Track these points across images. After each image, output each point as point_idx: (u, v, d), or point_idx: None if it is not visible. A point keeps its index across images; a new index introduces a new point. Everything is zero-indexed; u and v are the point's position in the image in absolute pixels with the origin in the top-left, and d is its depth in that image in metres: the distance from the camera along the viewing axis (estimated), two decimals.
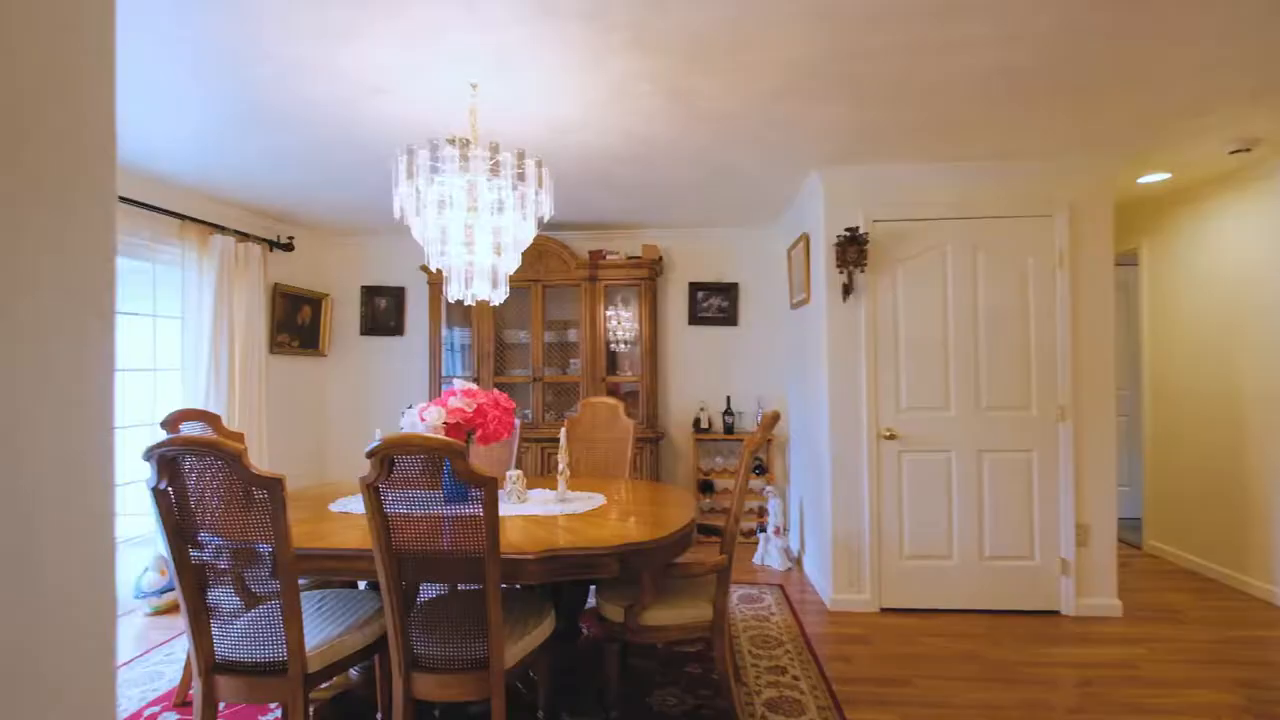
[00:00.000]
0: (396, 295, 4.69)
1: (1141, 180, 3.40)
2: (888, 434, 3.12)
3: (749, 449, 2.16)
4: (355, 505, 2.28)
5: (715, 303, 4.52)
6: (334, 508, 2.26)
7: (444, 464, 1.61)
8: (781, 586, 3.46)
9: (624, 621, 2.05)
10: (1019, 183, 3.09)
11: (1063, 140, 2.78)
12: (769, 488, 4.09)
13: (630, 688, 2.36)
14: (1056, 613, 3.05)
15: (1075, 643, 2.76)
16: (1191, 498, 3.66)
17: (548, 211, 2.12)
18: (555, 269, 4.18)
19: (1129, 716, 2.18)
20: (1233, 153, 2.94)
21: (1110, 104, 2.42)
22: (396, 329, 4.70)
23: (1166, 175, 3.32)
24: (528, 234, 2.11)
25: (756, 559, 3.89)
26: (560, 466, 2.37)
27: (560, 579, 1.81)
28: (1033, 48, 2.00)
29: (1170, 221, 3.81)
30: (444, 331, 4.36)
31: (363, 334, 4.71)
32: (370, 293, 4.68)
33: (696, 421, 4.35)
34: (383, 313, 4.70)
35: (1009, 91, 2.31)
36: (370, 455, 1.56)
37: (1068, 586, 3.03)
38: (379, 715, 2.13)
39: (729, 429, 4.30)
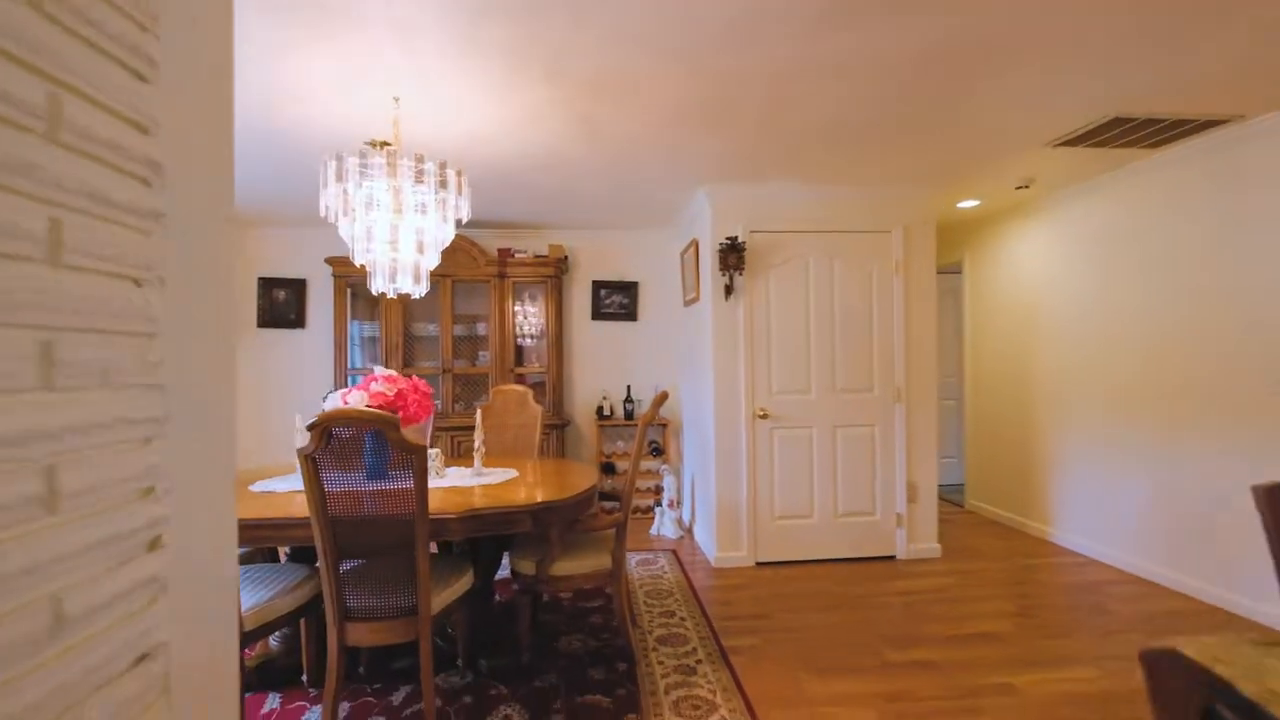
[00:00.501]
0: (297, 287, 4.65)
1: (960, 205, 4.19)
2: (761, 414, 3.65)
3: (643, 422, 2.54)
4: (276, 485, 2.41)
5: (616, 300, 4.91)
6: (255, 488, 2.38)
7: (377, 435, 1.85)
8: (674, 551, 3.92)
9: (535, 574, 2.37)
10: (866, 204, 3.74)
11: (895, 172, 3.43)
12: (664, 467, 4.54)
13: (540, 638, 2.67)
14: (893, 557, 3.73)
15: (905, 578, 3.42)
16: (999, 463, 4.55)
17: (466, 215, 2.39)
18: (465, 265, 4.37)
19: (936, 624, 2.82)
20: (1017, 188, 3.75)
21: (926, 150, 3.06)
22: (297, 321, 4.65)
23: (977, 202, 4.13)
24: (448, 234, 2.36)
25: (653, 530, 4.32)
26: (477, 444, 2.64)
27: (480, 534, 2.10)
28: (865, 108, 2.54)
29: (984, 238, 4.69)
30: (350, 324, 4.41)
31: (260, 326, 4.61)
32: (268, 284, 4.60)
33: (599, 409, 4.71)
34: (282, 304, 4.64)
35: (849, 137, 2.87)
36: (311, 428, 1.77)
37: (901, 536, 3.72)
38: (304, 676, 2.29)
39: (629, 415, 4.71)
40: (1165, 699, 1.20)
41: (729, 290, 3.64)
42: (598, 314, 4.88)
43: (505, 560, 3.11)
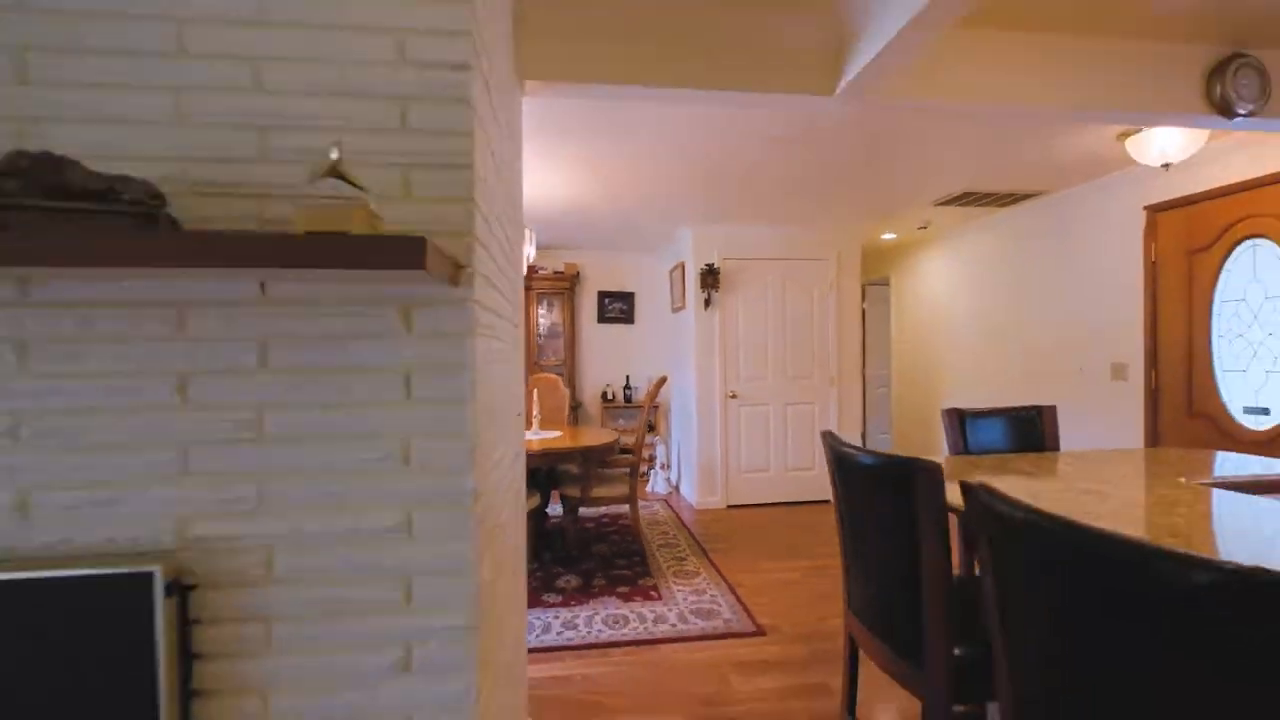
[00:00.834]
0: None
1: (883, 236, 5.48)
2: (732, 394, 4.89)
3: (649, 396, 3.75)
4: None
5: (618, 306, 6.10)
6: None
7: None
8: (666, 500, 5.14)
9: (579, 496, 3.56)
10: (809, 237, 4.99)
11: (830, 214, 4.68)
12: (656, 439, 5.76)
13: (579, 544, 3.87)
14: (827, 501, 5.00)
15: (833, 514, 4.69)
16: (915, 436, 5.87)
17: (532, 255, 3.55)
18: None
19: None
20: (919, 229, 5.05)
21: (852, 201, 4.31)
22: None
23: (894, 235, 5.42)
24: (522, 268, 3.53)
25: (649, 488, 5.53)
26: (534, 412, 3.82)
27: (550, 464, 3.28)
28: (810, 172, 3.77)
29: (904, 261, 6.00)
30: None
31: None
32: None
33: (604, 394, 5.90)
34: None
35: (798, 190, 4.10)
36: None
37: None
38: None
39: (628, 399, 5.91)
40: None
41: (707, 302, 4.86)
42: (602, 318, 6.06)
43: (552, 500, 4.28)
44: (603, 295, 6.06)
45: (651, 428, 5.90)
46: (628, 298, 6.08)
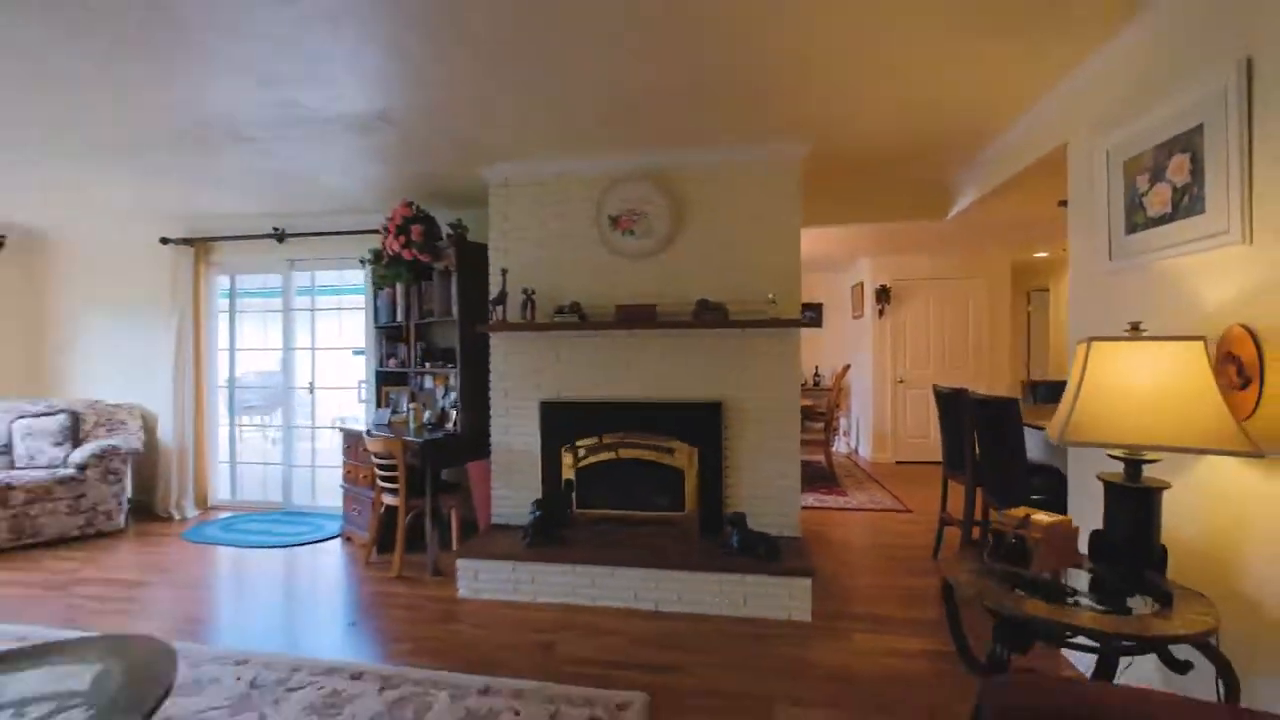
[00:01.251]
0: None
1: (1036, 254, 6.78)
2: (900, 380, 6.67)
3: (837, 378, 5.78)
4: None
5: (808, 315, 8.11)
6: None
7: None
8: (849, 456, 7.07)
9: None
10: (963, 261, 6.54)
11: (982, 248, 6.22)
12: (839, 412, 7.69)
13: None
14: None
15: None
16: None
17: None
18: None
19: None
20: (1064, 250, 6.32)
21: (999, 242, 5.87)
22: None
23: (1045, 253, 6.70)
24: None
25: (833, 448, 7.48)
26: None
27: None
28: (957, 231, 5.49)
29: (1060, 272, 7.15)
30: None
31: None
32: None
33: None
34: None
35: (954, 236, 5.80)
36: None
37: None
38: None
39: (817, 384, 7.91)
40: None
41: (880, 312, 6.70)
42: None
43: None
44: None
45: (836, 406, 7.83)
46: (817, 307, 8.07)
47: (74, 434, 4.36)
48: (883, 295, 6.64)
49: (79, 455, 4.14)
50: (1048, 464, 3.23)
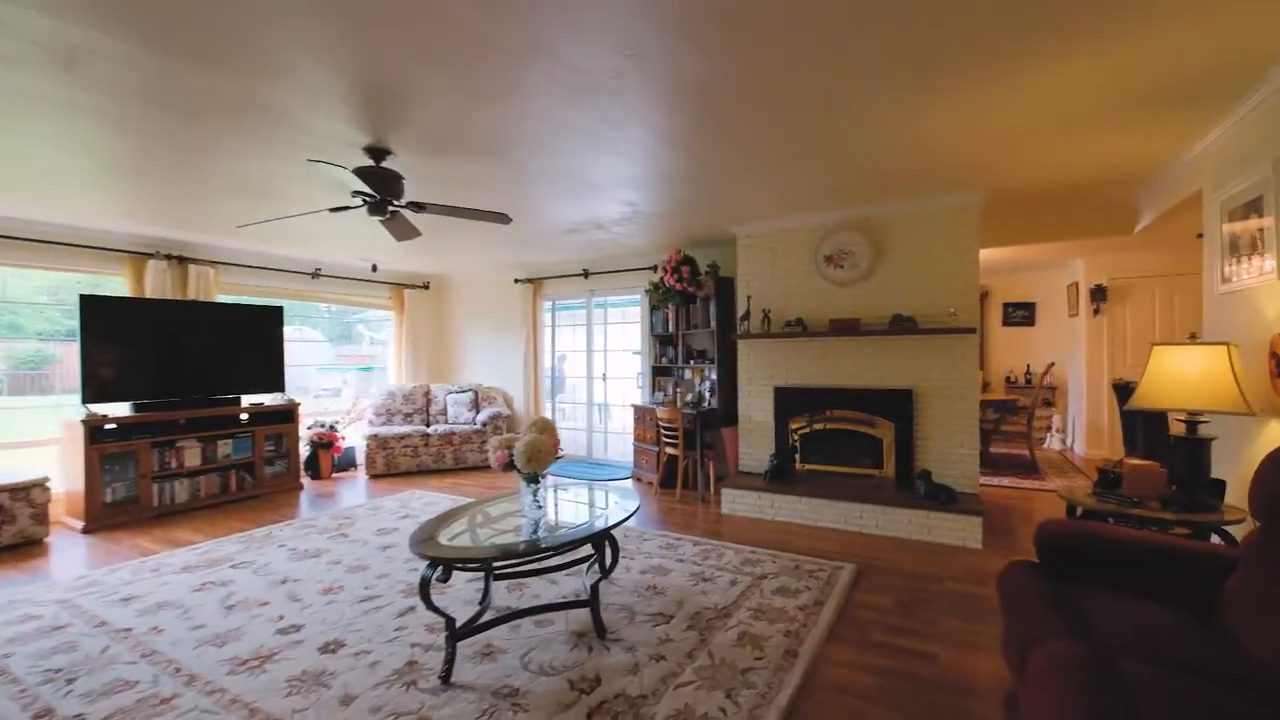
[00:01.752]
0: None
1: None
2: (1117, 380, 6.74)
3: (1039, 377, 6.25)
4: None
5: (1020, 313, 8.32)
6: None
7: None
8: (1060, 452, 7.29)
9: (992, 427, 6.36)
10: (1188, 256, 6.39)
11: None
12: (1053, 410, 7.83)
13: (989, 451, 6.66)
14: None
15: None
16: None
17: None
18: None
19: None
20: None
21: None
22: None
23: None
24: None
25: (1045, 444, 7.68)
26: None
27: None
28: None
29: None
30: None
31: None
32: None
33: (1007, 377, 8.25)
34: None
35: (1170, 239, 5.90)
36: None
37: None
38: None
39: (1028, 381, 8.11)
40: None
41: (1096, 311, 6.84)
42: (1006, 322, 8.40)
43: None
44: (1007, 305, 8.39)
45: (1049, 404, 7.97)
46: (1030, 306, 8.25)
47: (476, 404, 7.05)
48: (1098, 294, 6.79)
49: (482, 416, 6.78)
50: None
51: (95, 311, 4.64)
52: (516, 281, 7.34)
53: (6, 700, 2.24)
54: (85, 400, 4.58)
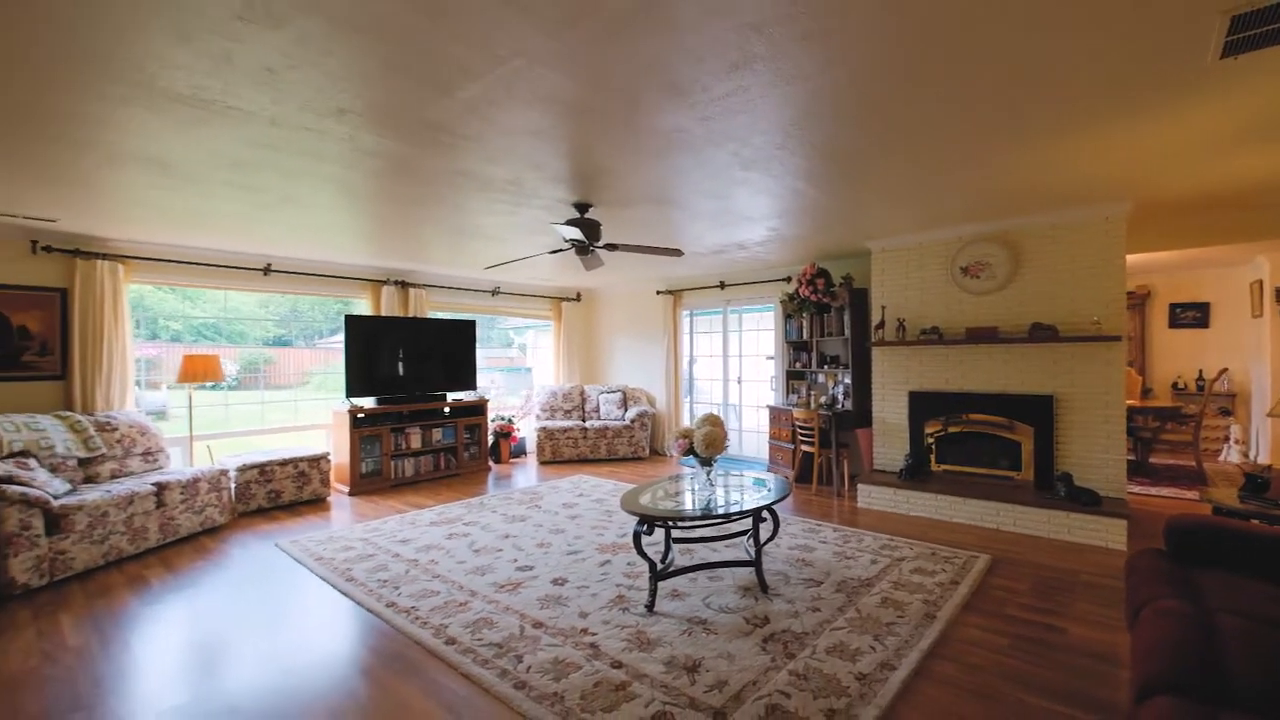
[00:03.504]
0: None
1: None
2: None
3: (1209, 384, 5.91)
4: None
5: (1190, 314, 7.72)
6: None
7: None
8: (1240, 466, 6.73)
9: (1149, 435, 6.11)
10: None
11: None
12: (1232, 419, 7.20)
13: (1149, 452, 6.37)
14: None
15: None
16: None
17: None
18: None
19: None
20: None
21: None
22: None
23: None
24: None
25: (1221, 457, 7.10)
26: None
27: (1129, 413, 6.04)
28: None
29: None
30: None
31: None
32: None
33: (1174, 383, 7.69)
34: None
35: None
36: None
37: None
38: None
39: (1199, 389, 7.51)
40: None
41: None
42: (1173, 324, 7.83)
43: None
44: (1173, 306, 7.81)
45: (1227, 413, 7.34)
46: (1202, 307, 7.63)
47: (624, 403, 7.99)
48: None
49: (630, 414, 7.69)
50: None
51: (355, 327, 6.09)
52: (658, 293, 8.17)
53: (365, 594, 3.36)
54: (348, 395, 6.05)
